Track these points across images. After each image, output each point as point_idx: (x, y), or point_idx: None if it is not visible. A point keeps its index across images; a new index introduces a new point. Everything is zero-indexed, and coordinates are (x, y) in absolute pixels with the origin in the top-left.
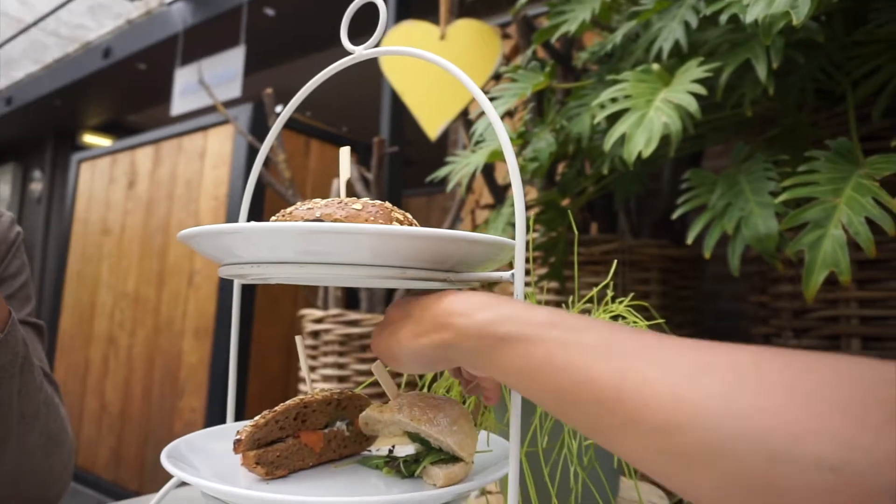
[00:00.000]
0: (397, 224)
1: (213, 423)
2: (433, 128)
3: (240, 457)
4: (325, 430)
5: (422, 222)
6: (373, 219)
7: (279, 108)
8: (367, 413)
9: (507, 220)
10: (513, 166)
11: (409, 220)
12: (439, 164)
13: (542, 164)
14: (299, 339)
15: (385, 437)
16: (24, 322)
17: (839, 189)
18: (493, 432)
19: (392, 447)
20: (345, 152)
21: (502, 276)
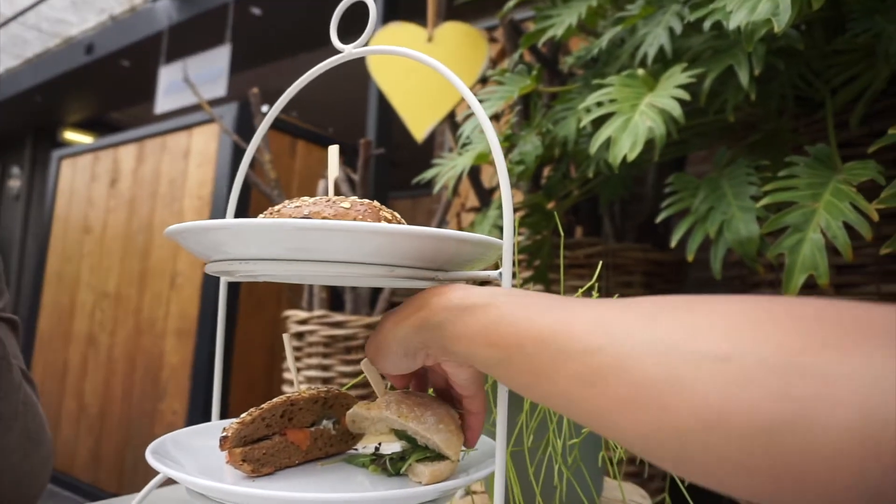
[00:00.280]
0: (385, 223)
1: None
2: (420, 129)
3: (226, 454)
4: (312, 429)
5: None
6: (361, 217)
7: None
8: (354, 410)
9: (492, 223)
10: (501, 165)
11: (398, 219)
12: (424, 166)
13: (528, 167)
14: (287, 337)
15: (371, 434)
16: None
17: (818, 194)
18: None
19: (378, 445)
20: (333, 151)
21: (490, 274)
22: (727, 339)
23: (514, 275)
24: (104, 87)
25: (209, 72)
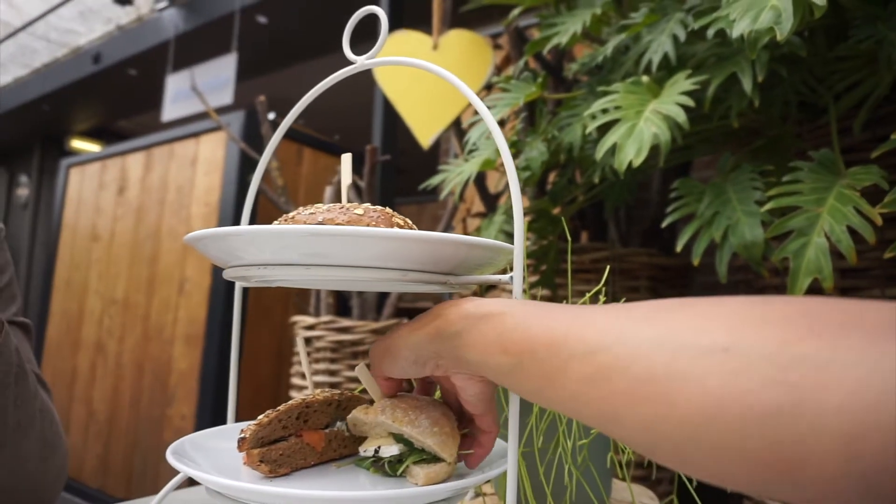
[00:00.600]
0: (398, 228)
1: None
2: (426, 136)
3: (243, 455)
4: (327, 430)
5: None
6: (374, 223)
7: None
8: (353, 414)
9: (499, 228)
10: (510, 169)
11: (409, 225)
12: (429, 172)
13: (534, 172)
14: (300, 340)
15: (372, 437)
16: (11, 322)
17: (822, 199)
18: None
19: (378, 448)
20: (346, 159)
21: (501, 278)
22: (727, 332)
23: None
24: (112, 96)
25: (216, 80)
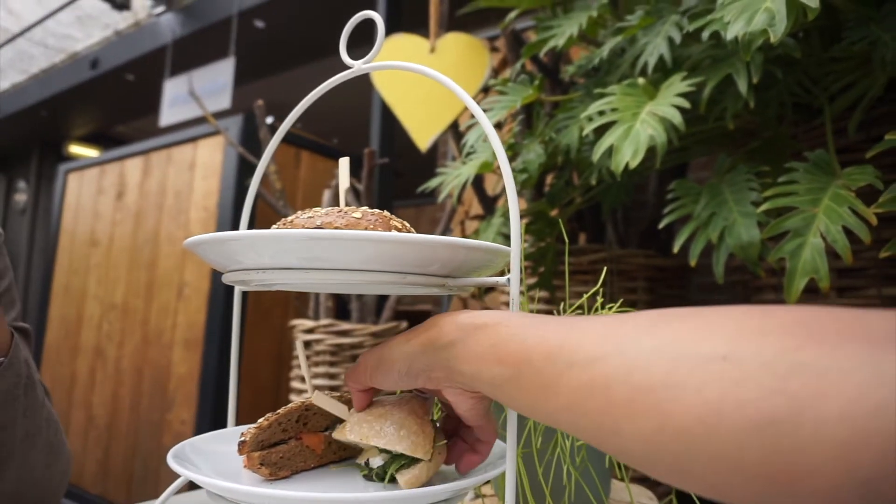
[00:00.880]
0: (396, 232)
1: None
2: (423, 140)
3: (243, 458)
4: (326, 433)
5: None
6: (372, 227)
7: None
8: (334, 436)
9: (497, 231)
10: (507, 173)
11: (407, 228)
12: (427, 175)
13: (532, 175)
14: (300, 344)
15: (367, 450)
16: (12, 327)
17: (818, 199)
18: None
19: (367, 460)
20: (344, 163)
21: (498, 280)
22: (727, 341)
23: (521, 280)
24: (109, 101)
25: (213, 84)
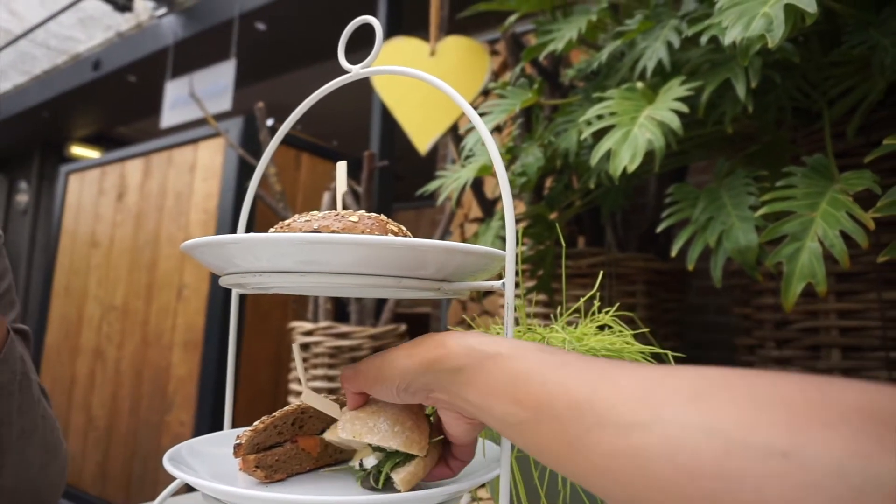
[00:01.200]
0: (392, 236)
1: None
2: (423, 143)
3: (239, 461)
4: (322, 436)
5: (412, 235)
6: (369, 230)
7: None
8: (326, 437)
9: (496, 234)
10: (503, 179)
11: (404, 232)
12: (427, 178)
13: (531, 178)
14: (296, 347)
15: (361, 451)
16: (10, 328)
17: (815, 203)
18: (486, 438)
19: (361, 461)
20: (341, 167)
21: (494, 285)
22: (786, 431)
23: (516, 286)
24: (111, 103)
25: (215, 86)
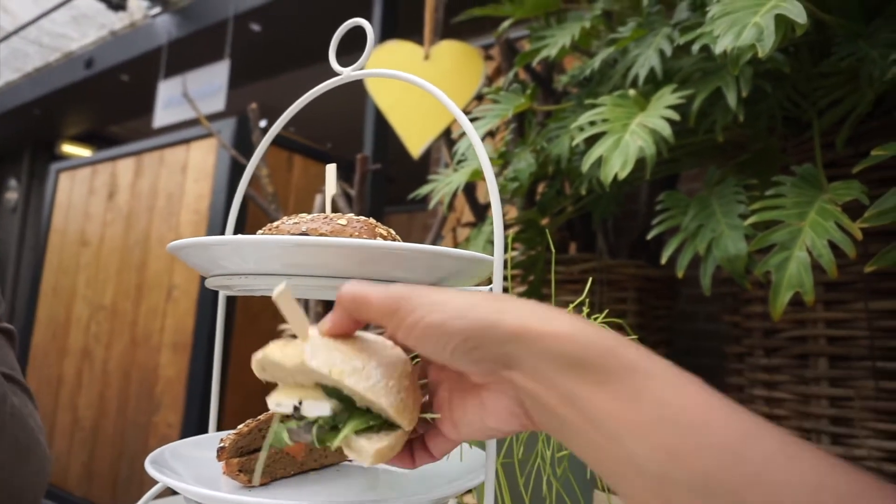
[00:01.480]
0: (381, 239)
1: None
2: (416, 146)
3: (223, 464)
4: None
5: (403, 239)
6: (357, 234)
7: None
8: (265, 353)
9: (487, 238)
10: (492, 185)
11: (393, 236)
12: (421, 181)
13: (522, 183)
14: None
15: (288, 387)
16: None
17: (804, 213)
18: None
19: (299, 402)
20: (331, 169)
21: (481, 290)
22: None
23: (505, 291)
24: (103, 101)
25: (208, 87)
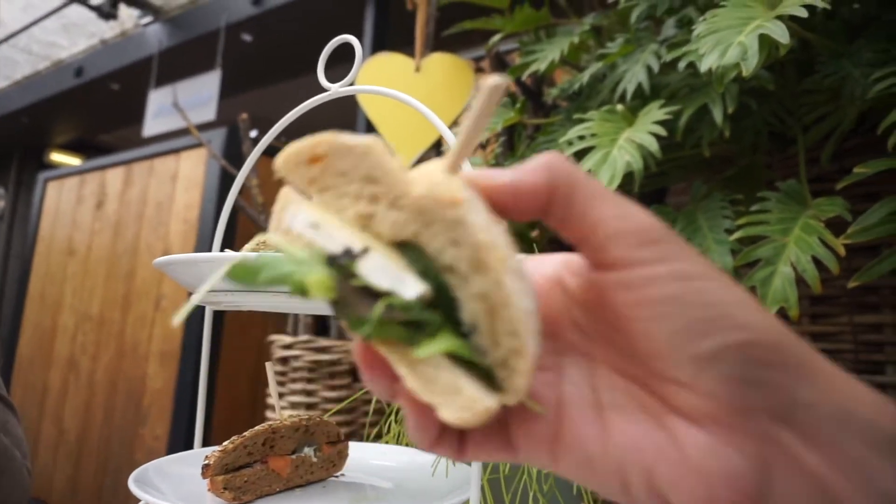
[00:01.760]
0: None
1: (175, 452)
2: (407, 159)
3: (207, 482)
4: (293, 456)
5: None
6: None
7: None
8: (331, 136)
9: None
10: None
11: None
12: None
13: None
14: (269, 366)
15: (334, 207)
16: None
17: (788, 229)
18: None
19: (363, 248)
20: None
21: None
22: None
23: None
24: (93, 110)
25: (199, 96)
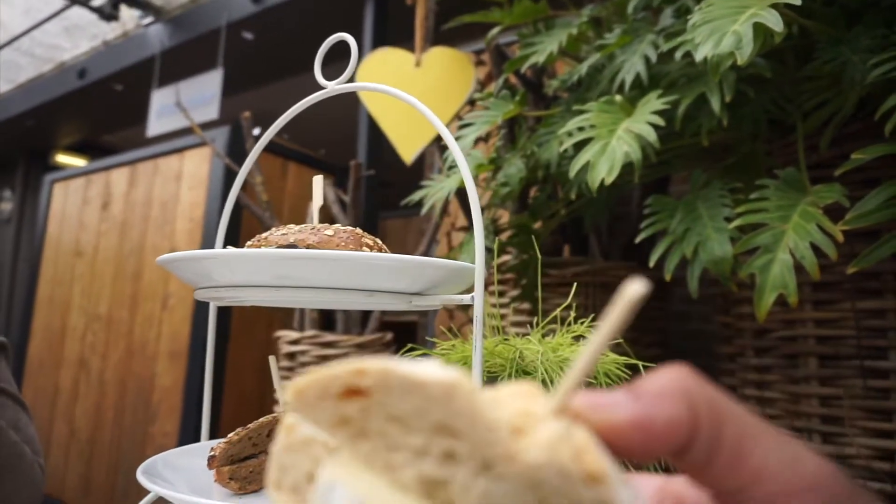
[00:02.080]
0: (367, 249)
1: None
2: (408, 152)
3: (214, 473)
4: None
5: (399, 244)
6: (343, 244)
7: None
8: (389, 367)
9: None
10: (472, 195)
11: (379, 246)
12: (416, 186)
13: (513, 188)
14: (272, 360)
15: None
16: None
17: (787, 216)
18: None
19: None
20: (317, 181)
21: (463, 298)
22: None
23: (501, 295)
24: (97, 111)
25: (201, 95)
